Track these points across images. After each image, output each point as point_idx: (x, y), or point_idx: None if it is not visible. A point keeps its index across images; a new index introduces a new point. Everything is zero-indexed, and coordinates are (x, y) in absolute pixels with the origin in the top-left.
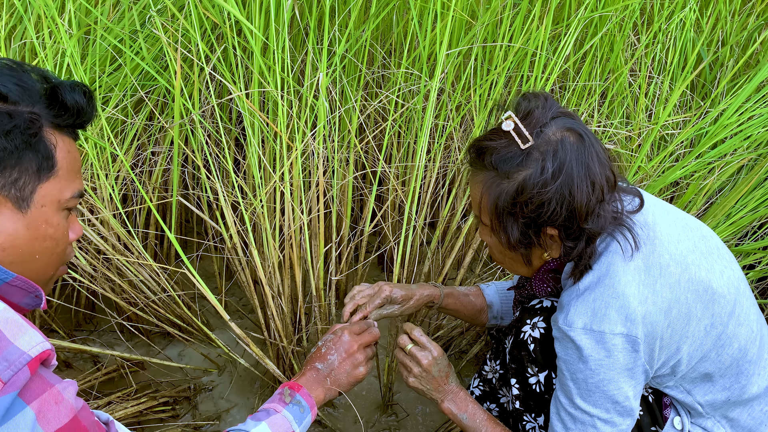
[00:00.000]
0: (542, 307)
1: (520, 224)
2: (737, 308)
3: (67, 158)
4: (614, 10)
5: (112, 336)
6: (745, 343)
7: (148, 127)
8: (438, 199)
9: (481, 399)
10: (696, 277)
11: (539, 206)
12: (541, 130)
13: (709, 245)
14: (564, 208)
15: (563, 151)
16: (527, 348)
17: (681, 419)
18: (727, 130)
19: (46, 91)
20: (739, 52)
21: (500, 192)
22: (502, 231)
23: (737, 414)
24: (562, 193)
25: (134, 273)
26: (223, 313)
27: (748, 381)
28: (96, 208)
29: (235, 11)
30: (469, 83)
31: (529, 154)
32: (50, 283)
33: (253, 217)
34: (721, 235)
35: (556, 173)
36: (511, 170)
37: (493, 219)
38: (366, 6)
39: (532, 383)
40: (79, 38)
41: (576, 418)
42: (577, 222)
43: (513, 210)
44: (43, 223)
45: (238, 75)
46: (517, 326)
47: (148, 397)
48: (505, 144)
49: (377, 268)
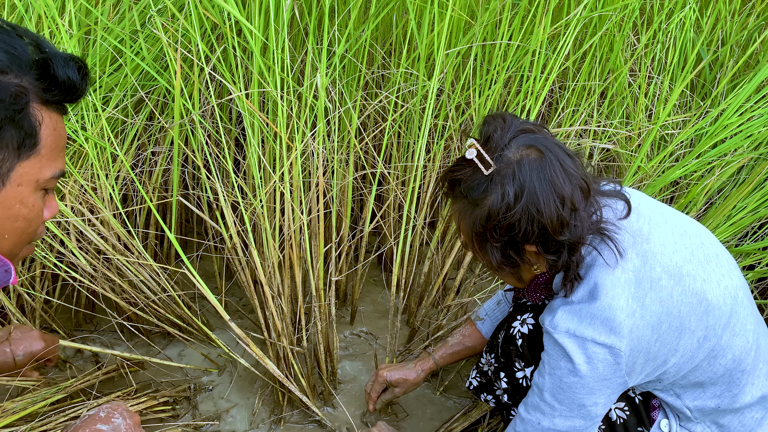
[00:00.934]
0: (533, 304)
1: (498, 247)
2: (733, 319)
3: (52, 136)
4: (613, 10)
5: (112, 336)
6: (740, 353)
7: (148, 127)
8: (438, 198)
9: (479, 390)
10: (690, 289)
11: (509, 228)
12: (501, 153)
13: (707, 253)
14: (535, 225)
15: (521, 172)
16: (515, 343)
17: (669, 422)
18: (727, 130)
19: (38, 62)
20: (739, 52)
21: (473, 219)
22: (484, 254)
23: (728, 421)
24: (529, 213)
25: (134, 273)
26: (223, 313)
27: (741, 390)
28: (96, 208)
29: (234, 11)
30: (468, 83)
31: (492, 179)
32: (15, 263)
33: (253, 218)
34: (721, 235)
35: (519, 194)
36: (478, 198)
37: (474, 244)
38: (366, 6)
39: (519, 377)
40: (80, 38)
41: (538, 407)
42: (551, 237)
43: (486, 235)
44: (18, 202)
45: (237, 75)
46: (508, 321)
47: (148, 397)
48: (470, 172)
49: (377, 268)
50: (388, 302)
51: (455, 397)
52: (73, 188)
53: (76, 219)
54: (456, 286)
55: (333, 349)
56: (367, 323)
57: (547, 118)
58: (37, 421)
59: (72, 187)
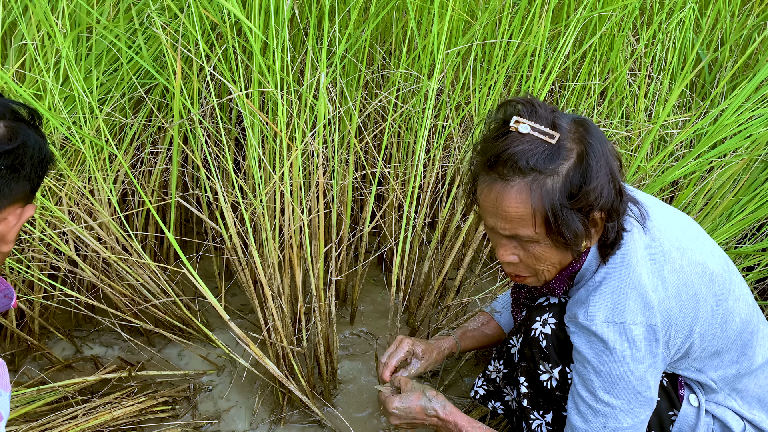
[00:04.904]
0: (550, 303)
1: (580, 216)
2: (732, 284)
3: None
4: (613, 10)
5: (112, 336)
6: (746, 316)
7: (146, 127)
8: (438, 198)
9: (486, 398)
10: (694, 260)
11: (594, 191)
12: (555, 123)
13: (693, 230)
14: (611, 186)
15: (588, 135)
16: (539, 345)
17: (696, 396)
18: (727, 130)
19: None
20: (738, 52)
21: (552, 191)
22: (565, 230)
23: (744, 384)
24: (606, 172)
25: (134, 276)
26: (223, 313)
27: (754, 352)
28: (94, 210)
29: (235, 10)
30: (468, 83)
31: (561, 146)
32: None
33: (253, 218)
34: (720, 236)
35: (597, 155)
36: (552, 167)
37: (550, 222)
38: (366, 6)
39: (544, 380)
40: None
41: (597, 411)
42: (619, 198)
43: (570, 203)
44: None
45: (237, 74)
46: (527, 324)
47: (147, 397)
48: (534, 145)
49: (377, 268)
50: (388, 302)
51: (455, 397)
52: (70, 190)
53: (74, 226)
54: (456, 286)
55: (333, 349)
56: (367, 323)
57: None
58: (36, 422)
59: (69, 190)
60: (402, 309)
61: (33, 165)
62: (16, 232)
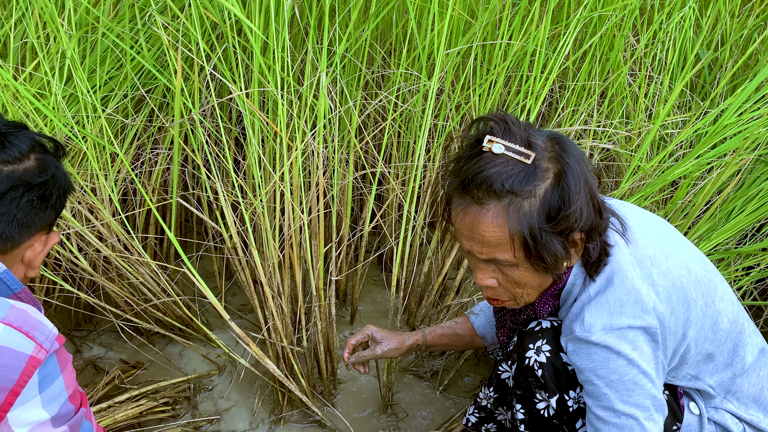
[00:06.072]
0: (542, 329)
1: (560, 239)
2: (715, 285)
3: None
4: (613, 10)
5: (112, 336)
6: (732, 315)
7: (147, 127)
8: (438, 198)
9: (478, 424)
10: (677, 262)
11: (573, 214)
12: (529, 141)
13: (669, 232)
14: (590, 206)
15: (565, 154)
16: (534, 374)
17: (696, 404)
18: (727, 130)
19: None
20: (738, 53)
21: (529, 214)
22: (545, 253)
23: (739, 385)
24: (585, 192)
25: (134, 275)
26: (223, 313)
27: (745, 351)
28: (96, 209)
29: (235, 9)
30: (468, 83)
31: (537, 166)
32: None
33: (253, 217)
34: (720, 236)
35: (575, 175)
36: (529, 188)
37: (529, 246)
38: (366, 6)
39: (541, 408)
40: (81, 38)
41: (622, 427)
42: (599, 217)
43: (549, 227)
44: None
45: (238, 74)
46: (519, 352)
47: (148, 398)
48: (509, 166)
49: (377, 268)
50: (388, 302)
51: (455, 397)
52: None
53: (76, 224)
54: (456, 286)
55: (333, 349)
56: (367, 323)
57: (547, 117)
58: None
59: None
60: (402, 309)
61: (59, 195)
62: (42, 258)
